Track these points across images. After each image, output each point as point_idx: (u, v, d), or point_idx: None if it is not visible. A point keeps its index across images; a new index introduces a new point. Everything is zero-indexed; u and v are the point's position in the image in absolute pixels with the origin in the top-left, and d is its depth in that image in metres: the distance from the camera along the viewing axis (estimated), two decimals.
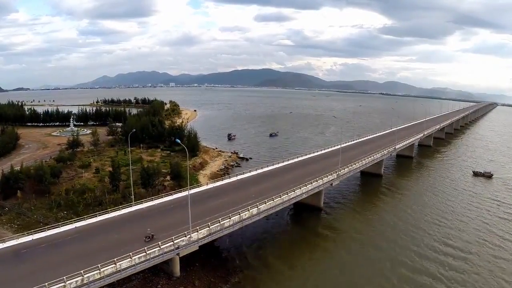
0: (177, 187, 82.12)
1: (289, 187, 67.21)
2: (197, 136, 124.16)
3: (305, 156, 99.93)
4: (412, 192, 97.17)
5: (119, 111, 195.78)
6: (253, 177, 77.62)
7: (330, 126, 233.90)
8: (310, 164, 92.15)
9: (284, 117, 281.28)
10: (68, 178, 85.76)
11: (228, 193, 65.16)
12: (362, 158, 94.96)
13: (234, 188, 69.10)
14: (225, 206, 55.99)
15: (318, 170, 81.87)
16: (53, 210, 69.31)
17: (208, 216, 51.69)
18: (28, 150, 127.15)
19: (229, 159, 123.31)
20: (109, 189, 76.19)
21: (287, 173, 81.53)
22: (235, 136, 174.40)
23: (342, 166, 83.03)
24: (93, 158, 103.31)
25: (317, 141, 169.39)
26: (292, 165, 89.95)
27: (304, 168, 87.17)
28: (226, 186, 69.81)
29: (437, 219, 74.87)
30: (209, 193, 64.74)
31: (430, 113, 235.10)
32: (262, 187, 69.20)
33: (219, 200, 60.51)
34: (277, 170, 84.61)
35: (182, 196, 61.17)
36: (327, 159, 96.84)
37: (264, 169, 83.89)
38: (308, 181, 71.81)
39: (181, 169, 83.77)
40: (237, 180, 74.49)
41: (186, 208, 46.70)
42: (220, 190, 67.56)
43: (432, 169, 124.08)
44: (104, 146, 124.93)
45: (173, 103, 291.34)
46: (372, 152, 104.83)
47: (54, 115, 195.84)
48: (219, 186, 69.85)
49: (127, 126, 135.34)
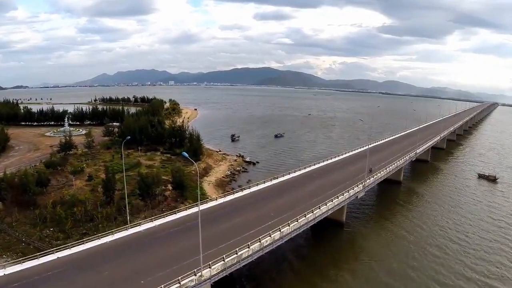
0: (180, 197, 73.12)
1: (311, 202, 58.14)
2: (200, 138, 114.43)
3: (323, 162, 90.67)
4: (434, 201, 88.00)
5: (117, 110, 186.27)
6: (268, 189, 68.32)
7: (349, 130, 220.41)
8: (330, 172, 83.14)
9: (288, 118, 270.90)
10: (58, 186, 76.57)
11: (242, 211, 55.82)
12: (385, 165, 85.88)
13: (249, 203, 59.69)
14: (240, 228, 46.92)
15: (340, 180, 73.09)
16: (38, 226, 60.13)
17: (221, 242, 42.53)
18: (18, 152, 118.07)
19: (235, 163, 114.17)
20: (102, 201, 66.98)
21: (306, 184, 72.41)
22: (238, 137, 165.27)
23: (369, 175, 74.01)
24: (86, 163, 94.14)
25: (330, 145, 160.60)
26: (310, 174, 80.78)
27: (324, 177, 78.18)
28: (239, 201, 60.46)
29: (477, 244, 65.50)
30: (219, 210, 55.31)
31: (439, 115, 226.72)
32: (281, 202, 60.12)
33: (232, 220, 51.26)
34: (294, 180, 75.43)
35: (187, 214, 52.00)
36: (347, 166, 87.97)
37: (279, 179, 74.63)
38: (333, 193, 63.12)
39: (184, 178, 74.51)
40: (251, 192, 65.21)
41: (193, 232, 37.73)
42: (232, 206, 58.01)
43: (449, 174, 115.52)
44: (99, 149, 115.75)
45: (173, 102, 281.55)
46: (393, 157, 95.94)
47: (49, 114, 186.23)
48: (230, 201, 60.44)
49: (125, 127, 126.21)
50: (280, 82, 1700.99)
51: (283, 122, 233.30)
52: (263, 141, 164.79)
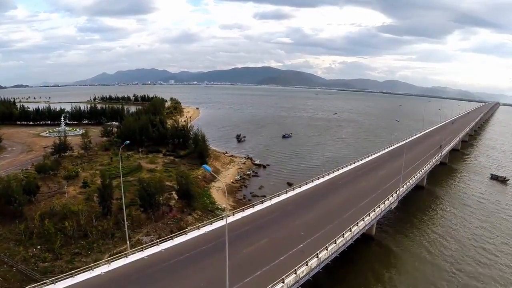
0: (186, 207, 64.47)
1: (343, 216, 49.78)
2: (206, 139, 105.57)
3: (346, 167, 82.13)
4: (462, 208, 79.18)
5: (116, 109, 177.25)
6: (292, 201, 59.68)
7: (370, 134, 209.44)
8: (356, 178, 74.87)
9: (293, 118, 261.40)
10: (49, 194, 67.87)
11: (266, 229, 46.99)
12: (414, 170, 77.45)
13: (272, 219, 50.89)
14: (267, 254, 38.51)
15: (369, 188, 64.75)
16: (23, 243, 51.46)
17: (245, 275, 33.97)
18: (10, 154, 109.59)
19: (244, 166, 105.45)
20: (98, 212, 58.32)
21: (333, 193, 63.99)
22: (244, 138, 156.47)
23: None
24: (81, 166, 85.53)
25: (343, 147, 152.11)
26: (335, 181, 72.27)
27: (350, 185, 69.89)
28: (260, 216, 51.71)
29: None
30: (237, 229, 46.30)
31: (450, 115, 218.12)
32: (309, 217, 51.62)
33: (256, 243, 42.48)
34: (319, 189, 66.84)
35: (200, 235, 43.40)
36: (373, 171, 79.73)
37: (302, 188, 66.02)
38: (365, 205, 55.22)
39: (191, 185, 65.89)
40: (272, 205, 56.46)
41: (209, 259, 29.50)
42: (253, 223, 49.22)
43: (469, 177, 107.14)
44: (97, 150, 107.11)
45: (175, 101, 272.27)
46: (417, 161, 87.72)
47: (45, 113, 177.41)
48: (250, 216, 51.69)
49: (124, 127, 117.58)
50: (280, 81, 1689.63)
51: (288, 123, 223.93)
52: (270, 141, 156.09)
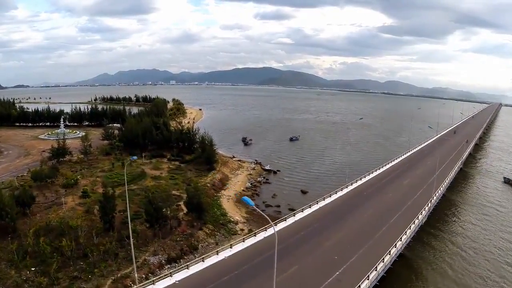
0: (196, 221, 58.45)
1: (377, 235, 43.84)
2: (213, 143, 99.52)
3: (368, 176, 76.34)
4: (482, 216, 72.68)
5: (117, 110, 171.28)
6: (317, 216, 53.82)
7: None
8: (381, 189, 69.30)
9: (298, 120, 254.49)
10: (45, 205, 61.96)
11: (295, 253, 41.06)
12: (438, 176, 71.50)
13: (299, 240, 44.96)
14: (300, 285, 32.29)
15: (398, 200, 59.03)
16: (16, 264, 45.44)
17: None
18: (6, 158, 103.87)
19: (254, 172, 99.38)
20: (99, 228, 52.30)
21: (360, 207, 58.14)
22: (251, 141, 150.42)
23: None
24: (81, 173, 79.58)
25: (354, 151, 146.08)
26: (360, 192, 66.60)
27: (377, 196, 64.27)
28: (284, 236, 45.50)
29: None
30: (260, 253, 40.17)
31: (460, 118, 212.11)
32: (339, 237, 45.93)
33: (285, 272, 36.31)
34: (344, 202, 61.13)
35: (218, 261, 37.41)
36: (397, 179, 74.00)
37: (326, 201, 60.21)
38: (395, 220, 49.33)
39: (202, 196, 59.89)
40: (295, 222, 50.46)
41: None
42: (278, 245, 42.93)
43: (484, 183, 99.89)
44: (98, 155, 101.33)
45: (177, 102, 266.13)
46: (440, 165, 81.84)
47: (44, 115, 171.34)
48: (273, 237, 45.50)
49: (126, 129, 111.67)
50: (281, 82, 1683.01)
51: (294, 125, 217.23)
52: (278, 145, 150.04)
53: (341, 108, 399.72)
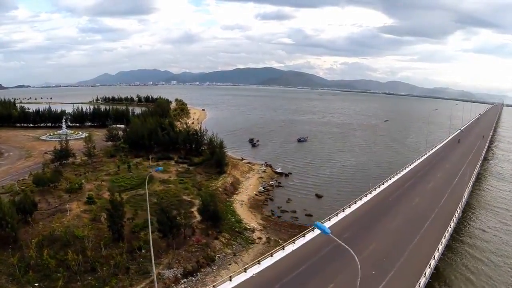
0: (211, 229, 54.30)
1: (409, 245, 39.99)
2: (223, 145, 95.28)
3: (390, 181, 72.04)
4: (499, 224, 67.91)
5: (120, 111, 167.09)
6: (346, 225, 49.75)
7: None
8: (407, 195, 64.94)
9: (303, 123, 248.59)
10: (48, 212, 57.80)
11: (328, 268, 37.04)
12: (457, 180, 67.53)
13: (331, 253, 40.81)
14: None
15: (424, 207, 55.35)
16: (18, 278, 41.33)
17: None
18: (7, 160, 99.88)
19: (265, 175, 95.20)
20: (107, 238, 48.14)
21: (388, 215, 54.36)
22: (258, 142, 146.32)
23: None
24: (85, 177, 75.42)
25: (364, 153, 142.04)
26: (384, 198, 62.43)
27: (403, 202, 59.98)
28: (315, 249, 41.49)
29: None
30: (291, 271, 36.02)
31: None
32: (373, 248, 41.75)
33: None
34: (370, 208, 57.10)
35: (247, 279, 33.19)
36: (419, 184, 69.87)
37: (352, 208, 56.15)
38: (427, 228, 46.53)
39: (217, 202, 55.66)
40: (316, 238, 46.19)
41: None
42: (308, 260, 38.99)
43: (498, 186, 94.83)
44: (102, 156, 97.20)
45: (181, 102, 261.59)
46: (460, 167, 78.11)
47: (45, 115, 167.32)
48: (301, 251, 41.54)
49: (131, 130, 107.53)
50: (282, 82, 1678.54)
51: (300, 126, 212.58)
52: (286, 146, 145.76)
53: (345, 108, 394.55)
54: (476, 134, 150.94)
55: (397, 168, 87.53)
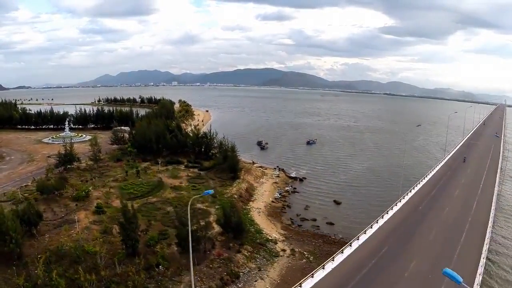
0: (232, 241, 49.99)
1: (450, 260, 36.01)
2: (236, 149, 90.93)
3: (416, 187, 67.56)
4: None
5: (124, 112, 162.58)
6: (379, 241, 45.28)
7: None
8: (435, 203, 60.76)
9: (310, 125, 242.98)
10: (54, 223, 53.38)
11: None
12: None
13: (373, 271, 36.79)
14: None
15: (456, 217, 51.92)
16: None
17: None
18: (8, 164, 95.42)
19: (279, 180, 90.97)
20: (122, 254, 43.77)
21: (421, 226, 50.16)
22: (267, 144, 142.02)
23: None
24: (92, 183, 71.03)
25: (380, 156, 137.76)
26: (414, 206, 58.29)
27: (434, 211, 55.89)
28: (355, 266, 37.27)
29: None
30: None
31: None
32: (415, 264, 37.98)
33: None
34: (401, 219, 52.73)
35: None
36: (446, 191, 65.88)
37: (384, 218, 51.73)
38: (464, 242, 43.30)
39: (237, 212, 51.39)
40: (361, 248, 42.13)
41: None
42: (347, 285, 34.78)
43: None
44: (108, 160, 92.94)
45: (185, 103, 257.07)
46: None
47: (48, 117, 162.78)
48: (341, 269, 37.29)
49: (137, 133, 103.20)
50: (283, 83, 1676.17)
51: (307, 129, 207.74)
52: (295, 149, 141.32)
53: (349, 110, 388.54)
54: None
55: (419, 174, 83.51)
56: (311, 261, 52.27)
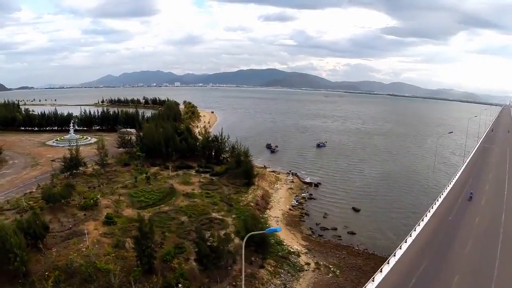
0: (254, 255, 46.23)
1: (491, 275, 35.37)
2: (249, 153, 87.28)
3: (442, 196, 63.54)
4: None
5: (130, 114, 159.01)
6: (416, 254, 41.91)
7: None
8: (463, 214, 57.13)
9: (317, 128, 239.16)
10: (62, 235, 49.59)
11: None
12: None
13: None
14: None
15: (489, 228, 49.50)
16: None
17: None
18: (12, 168, 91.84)
19: (293, 185, 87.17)
20: (137, 273, 40.05)
21: (455, 240, 46.52)
22: (277, 148, 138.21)
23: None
24: (100, 190, 67.33)
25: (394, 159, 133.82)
26: (443, 218, 54.44)
27: (464, 221, 52.84)
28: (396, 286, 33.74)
29: None
30: None
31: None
32: (458, 281, 35.28)
33: None
34: (433, 233, 48.84)
35: None
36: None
37: (416, 231, 47.86)
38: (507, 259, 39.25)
39: (262, 225, 47.56)
40: (399, 264, 38.55)
41: None
42: None
43: None
44: (115, 164, 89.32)
45: (190, 105, 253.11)
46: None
47: (51, 118, 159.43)
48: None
49: (145, 136, 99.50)
50: (285, 83, 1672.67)
51: (316, 131, 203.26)
52: (305, 152, 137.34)
53: (355, 111, 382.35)
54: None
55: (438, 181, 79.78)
56: (337, 276, 48.76)
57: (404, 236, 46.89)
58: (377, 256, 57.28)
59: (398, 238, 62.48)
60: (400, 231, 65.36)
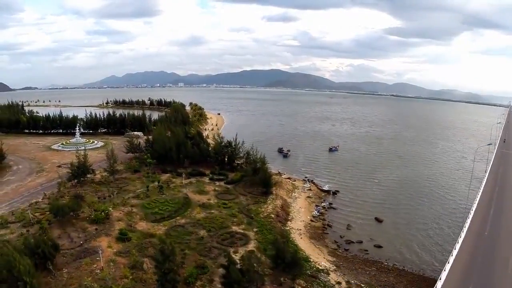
0: (282, 275, 42.13)
1: None
2: (266, 160, 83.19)
3: (473, 209, 59.17)
4: None
5: (137, 117, 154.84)
6: (462, 276, 38.48)
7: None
8: (497, 228, 53.83)
9: (329, 133, 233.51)
10: (73, 253, 45.63)
11: None
12: None
13: None
14: None
15: None
16: None
17: None
18: (16, 175, 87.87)
19: (311, 194, 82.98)
20: None
21: (496, 256, 43.91)
22: (289, 152, 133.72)
23: None
24: (111, 201, 63.38)
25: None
26: (479, 234, 50.44)
27: (502, 237, 49.29)
28: None
29: None
30: None
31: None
32: None
33: None
34: (473, 250, 45.20)
35: None
36: (500, 211, 58.25)
37: (456, 248, 43.85)
38: None
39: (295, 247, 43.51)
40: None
41: None
42: None
43: None
44: (125, 170, 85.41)
45: (197, 106, 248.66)
46: None
47: (56, 121, 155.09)
48: None
49: (156, 142, 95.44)
50: (289, 84, 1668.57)
51: (326, 136, 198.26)
52: (318, 157, 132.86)
53: (362, 113, 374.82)
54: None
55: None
56: None
57: (431, 249, 42.49)
58: (408, 272, 53.54)
59: (424, 251, 59.69)
60: (425, 243, 62.94)
